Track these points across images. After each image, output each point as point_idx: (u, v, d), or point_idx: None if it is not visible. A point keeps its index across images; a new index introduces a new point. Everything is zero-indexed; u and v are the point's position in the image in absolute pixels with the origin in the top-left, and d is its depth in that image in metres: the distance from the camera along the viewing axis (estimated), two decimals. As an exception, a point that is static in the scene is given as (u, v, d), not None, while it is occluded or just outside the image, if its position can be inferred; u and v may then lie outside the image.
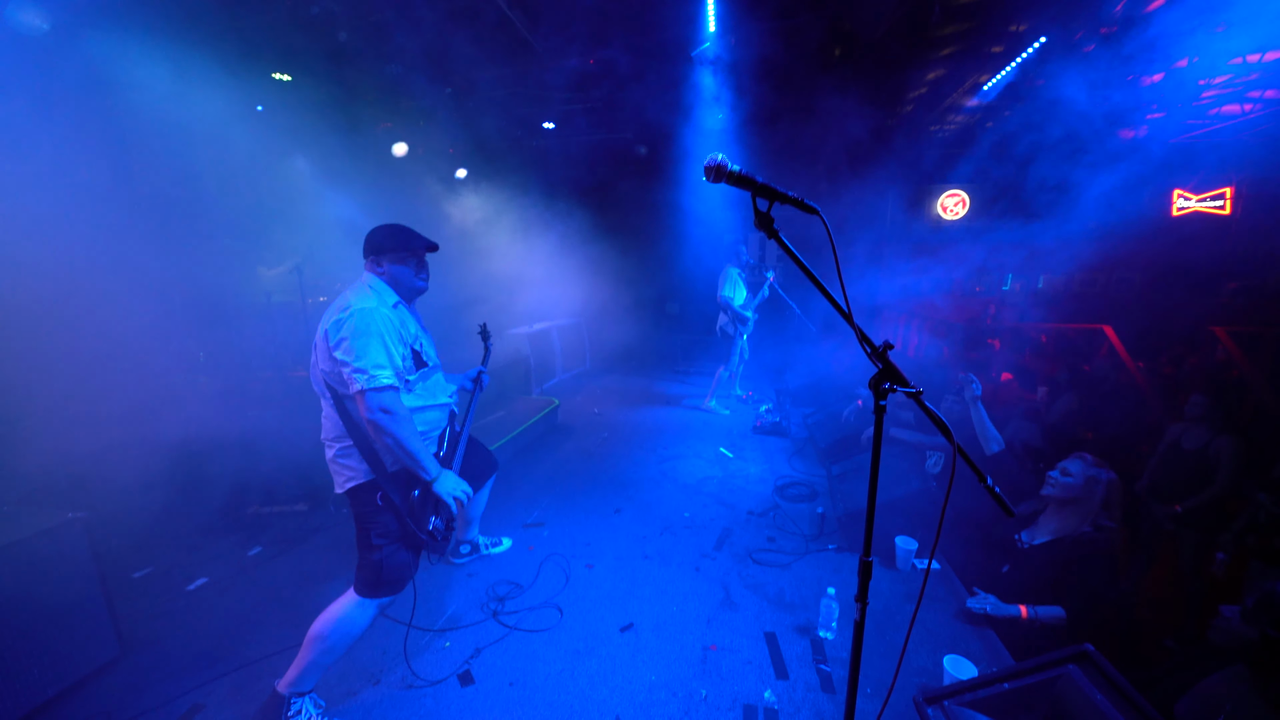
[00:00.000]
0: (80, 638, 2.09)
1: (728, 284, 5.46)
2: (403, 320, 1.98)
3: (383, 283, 2.01)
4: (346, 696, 2.07)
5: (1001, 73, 5.29)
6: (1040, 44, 4.70)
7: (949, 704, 1.56)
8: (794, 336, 7.42)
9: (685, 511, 3.60)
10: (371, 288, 1.98)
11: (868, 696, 2.04)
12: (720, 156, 1.13)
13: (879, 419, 1.21)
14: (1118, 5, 4.29)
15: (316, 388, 1.97)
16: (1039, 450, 3.47)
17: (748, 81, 5.61)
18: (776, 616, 2.53)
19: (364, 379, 1.76)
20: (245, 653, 2.29)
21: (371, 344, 1.79)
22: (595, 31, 4.63)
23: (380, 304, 1.90)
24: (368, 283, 2.00)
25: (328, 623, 1.87)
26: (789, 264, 7.44)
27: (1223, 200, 7.12)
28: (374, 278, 2.02)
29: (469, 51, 5.13)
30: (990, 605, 2.31)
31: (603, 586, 2.78)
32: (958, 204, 8.42)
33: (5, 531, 1.92)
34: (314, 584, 2.79)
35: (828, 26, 4.81)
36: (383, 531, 1.92)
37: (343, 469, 1.94)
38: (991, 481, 1.22)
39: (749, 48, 4.97)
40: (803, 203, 1.15)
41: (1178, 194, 7.40)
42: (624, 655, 2.28)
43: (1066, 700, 1.53)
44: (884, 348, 1.18)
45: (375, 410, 1.77)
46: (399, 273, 2.02)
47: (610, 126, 7.07)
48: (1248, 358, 4.02)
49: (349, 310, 1.82)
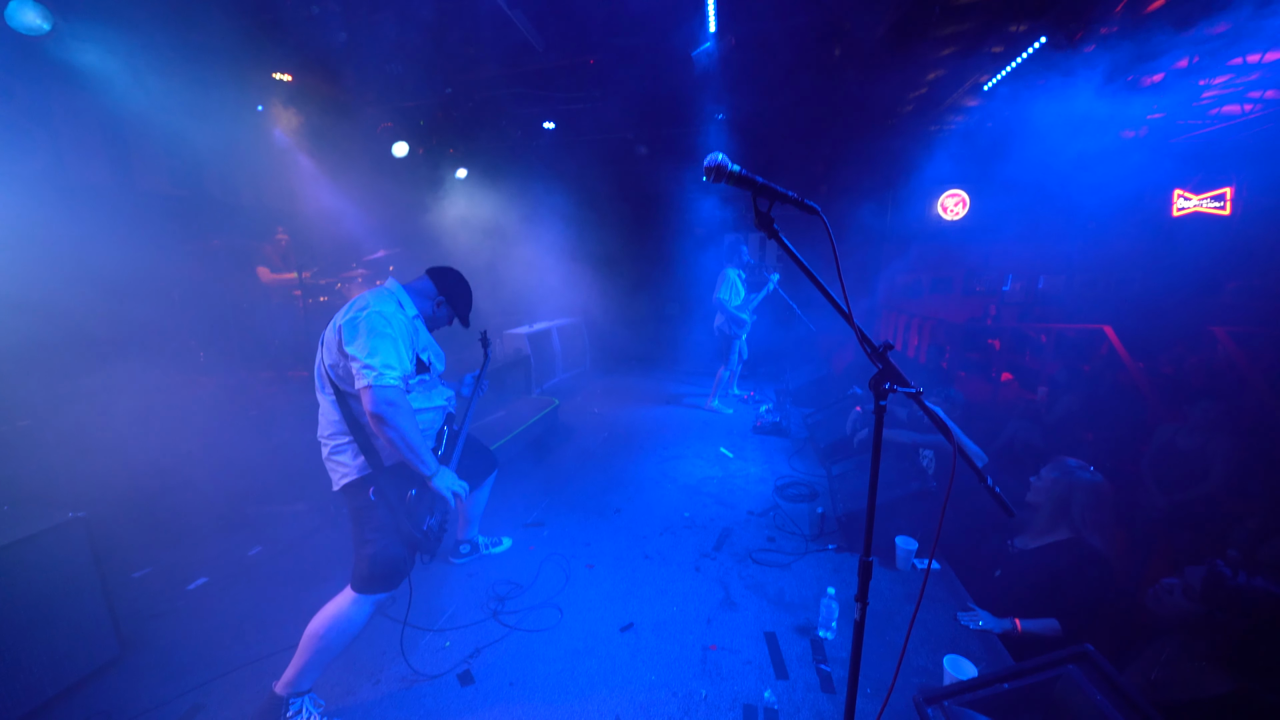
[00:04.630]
0: (80, 638, 2.09)
1: (724, 286, 5.45)
2: (416, 330, 2.05)
3: (409, 295, 2.09)
4: (346, 696, 2.07)
5: (1001, 73, 5.28)
6: (1040, 44, 4.69)
7: (949, 704, 1.56)
8: (795, 337, 7.43)
9: (685, 511, 3.60)
10: (395, 295, 2.04)
11: (868, 696, 2.04)
12: (720, 157, 1.13)
13: (879, 419, 1.21)
14: (1118, 5, 4.29)
15: (318, 382, 1.99)
16: (1039, 451, 3.47)
17: (748, 81, 5.60)
18: (776, 616, 2.53)
19: (372, 375, 1.78)
20: (245, 653, 2.29)
21: (385, 344, 1.83)
22: (595, 31, 4.63)
23: (399, 310, 1.97)
24: (392, 289, 2.06)
25: (324, 620, 1.87)
26: (788, 264, 7.45)
27: (1223, 200, 7.12)
28: (402, 288, 2.10)
29: (469, 51, 5.13)
30: (983, 621, 2.32)
31: (603, 586, 2.78)
32: (958, 204, 8.42)
33: (5, 531, 1.92)
34: (314, 584, 2.79)
35: (828, 26, 4.81)
36: (376, 526, 1.93)
37: (338, 466, 1.96)
38: (991, 482, 1.22)
39: (749, 48, 4.96)
40: (803, 203, 1.15)
41: (1178, 194, 7.40)
42: (624, 655, 2.28)
43: (1066, 700, 1.53)
44: (884, 348, 1.18)
45: (380, 403, 1.79)
46: (443, 315, 2.22)
47: (610, 126, 7.06)
48: (1247, 358, 4.02)
49: (367, 309, 1.86)
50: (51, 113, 3.39)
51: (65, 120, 3.46)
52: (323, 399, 1.98)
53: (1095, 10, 4.33)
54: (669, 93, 5.79)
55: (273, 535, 3.28)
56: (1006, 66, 5.14)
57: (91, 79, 3.50)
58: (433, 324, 2.21)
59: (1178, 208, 7.41)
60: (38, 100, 3.29)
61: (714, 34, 4.66)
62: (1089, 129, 5.84)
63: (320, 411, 1.99)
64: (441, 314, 2.20)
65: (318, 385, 1.99)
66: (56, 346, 3.18)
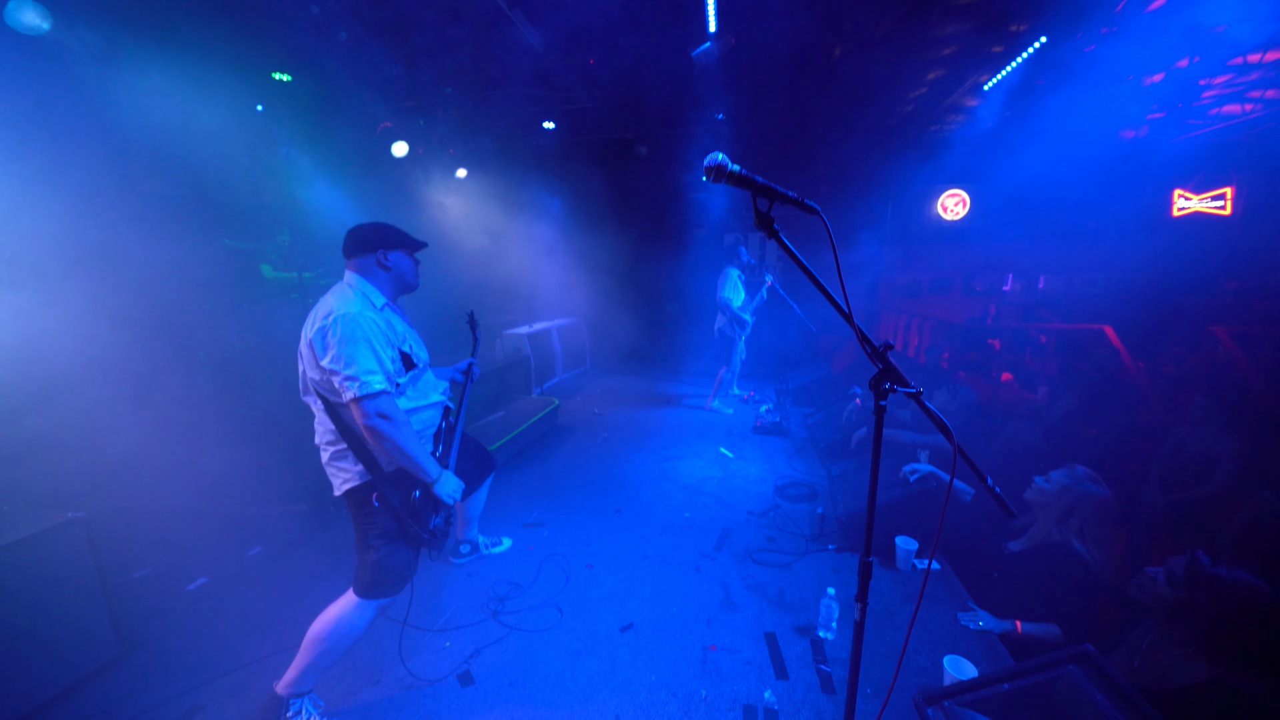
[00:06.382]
0: (80, 638, 2.09)
1: (727, 285, 5.45)
2: (389, 321, 1.92)
3: (369, 283, 1.94)
4: (346, 697, 2.07)
5: (1001, 73, 5.28)
6: (1040, 44, 4.69)
7: (949, 704, 1.56)
8: (795, 337, 7.43)
9: (685, 511, 3.60)
10: (355, 289, 1.90)
11: (868, 696, 2.04)
12: (721, 157, 1.13)
13: (879, 419, 1.21)
14: (1118, 5, 4.28)
15: (305, 397, 1.92)
16: (1039, 451, 3.47)
17: (748, 81, 5.60)
18: (776, 616, 2.53)
19: (356, 386, 1.71)
20: (245, 653, 2.29)
21: (360, 350, 1.73)
22: (595, 31, 4.62)
23: (365, 307, 1.84)
24: (350, 284, 1.93)
25: (326, 624, 1.87)
26: (788, 264, 7.45)
27: (1223, 200, 7.11)
28: (359, 278, 1.94)
29: (469, 51, 5.12)
30: (983, 621, 2.33)
31: (603, 586, 2.78)
32: (958, 204, 8.42)
33: (5, 531, 1.92)
34: (314, 584, 2.79)
35: (828, 26, 4.80)
36: (380, 532, 1.90)
37: (339, 472, 1.91)
38: (991, 481, 1.22)
39: (749, 48, 4.96)
40: (803, 203, 1.15)
41: (1178, 194, 7.39)
42: (624, 655, 2.28)
43: (1067, 700, 1.53)
44: (884, 348, 1.18)
45: (372, 417, 1.73)
46: (405, 265, 2.02)
47: (610, 126, 7.06)
48: (1248, 358, 4.01)
49: (332, 316, 1.75)
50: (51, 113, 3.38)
51: (65, 120, 3.46)
52: (315, 408, 1.92)
53: (1095, 10, 4.33)
54: (669, 93, 5.79)
55: (273, 535, 3.28)
56: (1006, 66, 5.14)
57: (91, 79, 3.50)
58: (401, 291, 2.04)
59: (1178, 208, 7.41)
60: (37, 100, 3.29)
61: (714, 34, 4.66)
62: (1089, 128, 5.84)
63: (315, 419, 1.94)
64: (397, 264, 1.98)
65: (304, 399, 1.93)
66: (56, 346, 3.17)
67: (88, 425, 3.19)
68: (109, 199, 3.63)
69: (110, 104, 3.64)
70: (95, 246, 3.43)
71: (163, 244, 3.90)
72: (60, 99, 3.43)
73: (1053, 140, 5.81)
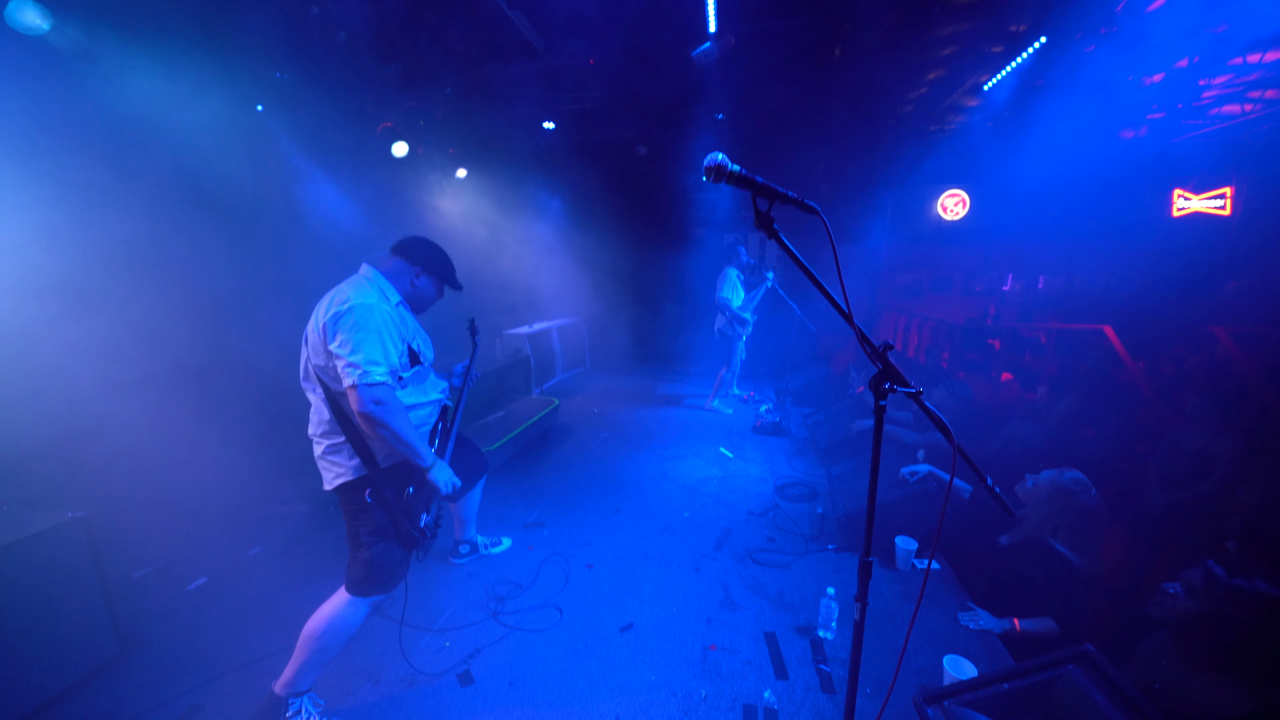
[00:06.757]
0: (80, 638, 2.09)
1: (726, 285, 5.46)
2: (402, 318, 1.96)
3: (387, 280, 1.97)
4: (345, 696, 2.07)
5: (1001, 73, 5.28)
6: (1040, 44, 4.69)
7: (949, 704, 1.56)
8: (795, 337, 7.42)
9: (685, 511, 3.60)
10: (373, 282, 1.93)
11: (868, 696, 2.04)
12: (720, 156, 1.13)
13: (879, 419, 1.21)
14: (1118, 5, 4.28)
15: (305, 383, 1.92)
16: (1039, 451, 3.47)
17: (748, 81, 5.59)
18: (776, 616, 2.53)
19: (357, 374, 1.72)
20: (245, 653, 2.29)
21: (369, 339, 1.75)
22: (595, 31, 4.62)
23: (381, 300, 1.87)
24: (368, 276, 1.95)
25: (320, 622, 1.87)
26: (789, 264, 7.44)
27: (1223, 200, 7.12)
28: (377, 273, 1.96)
29: (469, 51, 5.12)
30: (983, 621, 2.34)
31: (603, 586, 2.78)
32: (958, 204, 8.42)
33: (5, 531, 1.92)
34: (314, 584, 2.79)
35: (828, 26, 4.80)
36: (372, 529, 1.90)
37: (331, 465, 1.90)
38: (991, 481, 1.22)
39: (749, 48, 4.96)
40: (803, 203, 1.15)
41: (1178, 194, 7.40)
42: (624, 655, 2.28)
43: (1066, 700, 1.53)
44: (884, 348, 1.18)
45: (368, 403, 1.73)
46: (428, 293, 2.09)
47: (610, 127, 7.05)
48: (1247, 358, 4.02)
49: (348, 304, 1.77)
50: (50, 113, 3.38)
51: (64, 121, 3.46)
52: (313, 397, 1.91)
53: (1095, 10, 4.33)
54: (669, 93, 5.79)
55: (273, 535, 3.28)
56: (1006, 66, 5.14)
57: (90, 79, 3.50)
58: (418, 304, 2.08)
59: (1178, 208, 7.41)
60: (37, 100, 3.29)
61: (714, 34, 4.65)
62: (1089, 129, 5.84)
63: (311, 409, 1.92)
64: (424, 286, 2.05)
65: (304, 385, 1.93)
66: (56, 346, 3.17)
67: (88, 425, 3.19)
68: (109, 199, 3.63)
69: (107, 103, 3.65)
70: (95, 246, 3.43)
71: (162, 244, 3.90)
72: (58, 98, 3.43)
73: (1053, 140, 5.81)
